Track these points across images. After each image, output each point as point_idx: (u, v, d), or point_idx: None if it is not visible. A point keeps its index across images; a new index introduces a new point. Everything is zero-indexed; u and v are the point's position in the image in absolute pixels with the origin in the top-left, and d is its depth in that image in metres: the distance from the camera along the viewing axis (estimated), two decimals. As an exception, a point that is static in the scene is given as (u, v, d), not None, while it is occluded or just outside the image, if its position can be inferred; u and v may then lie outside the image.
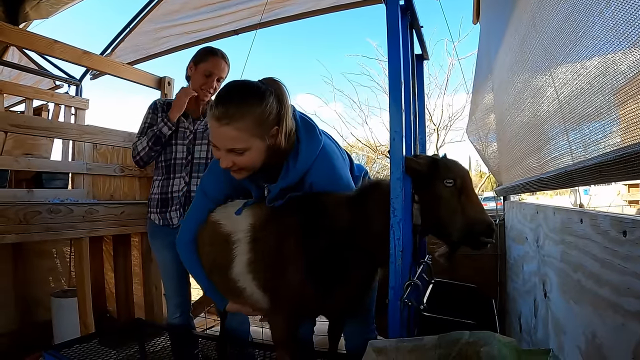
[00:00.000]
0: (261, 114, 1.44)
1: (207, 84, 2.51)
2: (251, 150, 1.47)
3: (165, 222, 2.48)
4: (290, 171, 1.58)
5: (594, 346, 1.02)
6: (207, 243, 1.78)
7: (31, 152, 3.73)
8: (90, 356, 2.10)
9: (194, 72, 2.52)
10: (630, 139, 0.84)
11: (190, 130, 2.53)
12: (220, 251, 1.70)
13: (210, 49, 2.57)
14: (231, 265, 1.66)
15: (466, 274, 2.19)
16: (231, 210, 1.72)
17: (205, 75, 2.49)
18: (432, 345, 1.08)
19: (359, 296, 1.63)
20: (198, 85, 2.51)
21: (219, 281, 1.77)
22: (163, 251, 2.49)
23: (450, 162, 1.47)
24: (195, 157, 2.50)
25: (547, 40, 1.37)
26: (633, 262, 0.82)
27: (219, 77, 2.54)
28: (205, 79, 2.50)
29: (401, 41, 1.36)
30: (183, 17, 3.88)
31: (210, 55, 2.52)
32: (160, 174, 2.57)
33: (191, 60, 2.55)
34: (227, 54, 2.57)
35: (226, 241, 1.68)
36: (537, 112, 1.63)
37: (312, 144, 1.60)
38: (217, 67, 2.51)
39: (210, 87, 2.52)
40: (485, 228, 1.37)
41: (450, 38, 13.83)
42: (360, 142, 16.36)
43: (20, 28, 3.48)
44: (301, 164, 1.57)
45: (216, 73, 2.51)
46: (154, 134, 2.46)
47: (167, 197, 2.51)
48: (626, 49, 0.83)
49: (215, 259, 1.74)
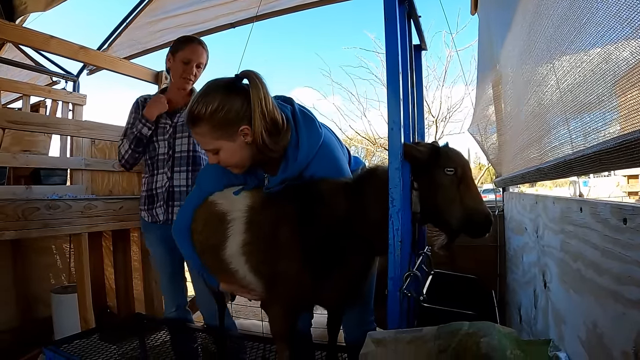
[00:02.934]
0: (216, 118, 1.45)
1: (186, 71, 2.46)
2: (223, 150, 1.50)
3: (153, 219, 2.47)
4: (290, 164, 1.57)
5: (595, 336, 1.01)
6: (201, 222, 1.76)
7: (29, 149, 3.72)
8: (90, 351, 2.10)
9: (172, 62, 2.49)
10: (630, 127, 0.83)
11: (170, 125, 2.49)
12: (214, 231, 1.69)
13: (186, 37, 2.56)
14: (224, 245, 1.65)
15: (466, 266, 2.18)
16: (229, 192, 1.71)
17: (184, 62, 2.44)
18: (431, 336, 1.07)
19: (357, 285, 1.62)
20: (178, 74, 2.47)
21: (211, 262, 1.76)
22: (155, 247, 2.49)
23: (452, 150, 1.47)
24: (176, 151, 2.46)
25: (552, 28, 1.36)
26: (634, 250, 0.81)
27: (198, 64, 2.49)
28: (184, 67, 2.45)
29: (399, 31, 1.35)
30: (179, 11, 3.86)
31: (187, 42, 2.48)
32: (146, 172, 2.55)
33: (169, 52, 2.52)
34: (205, 42, 2.55)
35: (221, 220, 1.67)
36: (540, 101, 1.62)
37: (313, 138, 1.59)
38: (195, 53, 2.46)
39: (190, 73, 2.47)
40: (483, 218, 1.37)
41: (448, 29, 13.71)
42: (359, 135, 16.30)
43: (16, 24, 3.45)
44: (302, 157, 1.56)
45: (194, 59, 2.46)
46: (135, 136, 2.44)
47: (152, 194, 2.49)
48: (629, 34, 0.81)
49: (208, 239, 1.73)
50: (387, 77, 1.34)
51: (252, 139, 1.47)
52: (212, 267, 1.78)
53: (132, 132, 2.45)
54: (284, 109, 1.58)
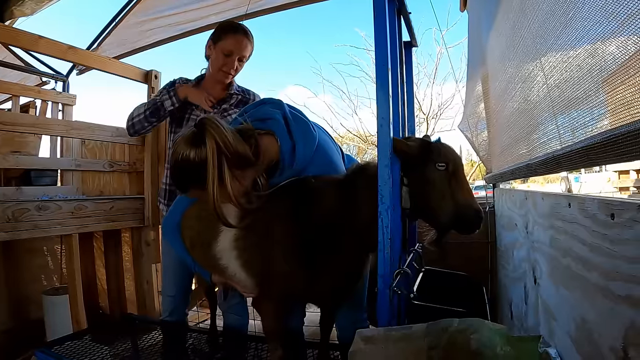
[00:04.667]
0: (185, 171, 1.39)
1: (227, 64, 2.26)
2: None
3: None
4: (286, 170, 1.57)
5: (584, 331, 1.01)
6: (194, 218, 1.75)
7: (19, 150, 3.68)
8: (82, 353, 2.09)
9: (212, 51, 2.29)
10: (618, 121, 0.83)
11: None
12: (206, 225, 1.68)
13: (231, 24, 2.32)
14: (216, 240, 1.65)
15: (457, 262, 2.18)
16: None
17: (225, 54, 2.24)
18: (421, 334, 1.07)
19: (349, 282, 1.62)
20: (217, 66, 2.28)
21: (202, 257, 1.76)
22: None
23: (444, 146, 1.47)
24: None
25: (538, 24, 1.36)
26: (621, 245, 0.81)
27: (241, 57, 2.29)
28: (225, 59, 2.25)
29: (388, 27, 1.35)
30: (168, 10, 3.83)
31: (231, 32, 2.25)
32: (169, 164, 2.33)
33: (209, 38, 2.31)
34: (250, 31, 2.32)
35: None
36: (527, 97, 1.62)
37: (309, 142, 1.59)
38: (238, 45, 2.25)
39: (231, 67, 2.27)
40: (473, 214, 1.37)
41: (438, 27, 13.77)
42: (350, 133, 16.36)
43: (5, 25, 3.42)
44: (299, 163, 1.56)
45: (236, 52, 2.25)
46: (154, 103, 2.29)
47: (174, 188, 2.34)
48: (615, 28, 0.81)
49: (199, 233, 1.72)
50: (376, 73, 1.34)
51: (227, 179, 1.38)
52: (203, 262, 1.77)
53: (153, 99, 2.32)
54: (274, 114, 1.57)
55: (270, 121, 1.56)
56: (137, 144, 3.53)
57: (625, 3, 0.75)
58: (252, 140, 1.45)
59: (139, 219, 3.37)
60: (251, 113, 1.62)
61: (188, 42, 3.85)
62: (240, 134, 1.43)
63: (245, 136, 1.44)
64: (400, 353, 1.07)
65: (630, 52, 0.77)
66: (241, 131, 1.45)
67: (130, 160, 3.63)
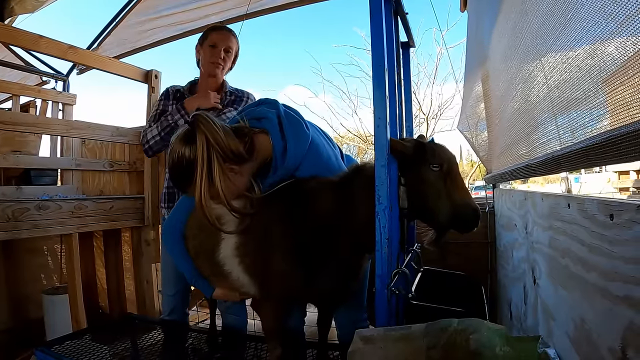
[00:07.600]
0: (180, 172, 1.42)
1: (215, 54, 2.38)
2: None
3: None
4: (279, 170, 1.57)
5: (583, 332, 1.01)
6: (195, 227, 1.76)
7: (19, 149, 3.69)
8: (82, 352, 2.08)
9: (201, 52, 2.43)
10: (617, 122, 0.83)
11: None
12: (207, 235, 1.69)
13: (213, 26, 2.53)
14: (218, 248, 1.66)
15: (456, 262, 2.19)
16: None
17: (211, 46, 2.38)
18: (420, 334, 1.07)
19: (348, 282, 1.62)
20: (206, 60, 2.40)
21: (205, 266, 1.77)
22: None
23: (437, 146, 1.47)
24: None
25: (537, 24, 1.36)
26: (620, 246, 0.81)
27: (226, 48, 2.41)
28: (212, 51, 2.38)
29: (384, 27, 1.35)
30: (168, 10, 3.83)
31: (214, 30, 2.44)
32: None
33: (197, 44, 2.46)
34: (234, 31, 2.48)
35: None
36: (527, 97, 1.62)
37: (300, 142, 1.58)
38: (222, 37, 2.40)
39: (218, 57, 2.39)
40: (470, 212, 1.38)
41: (438, 27, 13.76)
42: (350, 133, 16.33)
43: (5, 24, 3.42)
44: (290, 162, 1.56)
45: (221, 44, 2.39)
46: (169, 125, 2.34)
47: (174, 191, 2.42)
48: (613, 29, 0.81)
49: (202, 243, 1.73)
50: (373, 73, 1.35)
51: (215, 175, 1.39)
52: (206, 271, 1.78)
53: (166, 120, 2.36)
54: (268, 114, 1.57)
55: (264, 120, 1.57)
56: (137, 143, 3.52)
57: (624, 4, 0.75)
58: (246, 138, 1.48)
59: (139, 219, 3.37)
60: (248, 112, 1.64)
61: (188, 42, 3.84)
62: (235, 132, 1.45)
63: (240, 134, 1.47)
64: (399, 353, 1.07)
65: (629, 53, 0.77)
66: (237, 129, 1.48)
67: (130, 159, 3.63)
